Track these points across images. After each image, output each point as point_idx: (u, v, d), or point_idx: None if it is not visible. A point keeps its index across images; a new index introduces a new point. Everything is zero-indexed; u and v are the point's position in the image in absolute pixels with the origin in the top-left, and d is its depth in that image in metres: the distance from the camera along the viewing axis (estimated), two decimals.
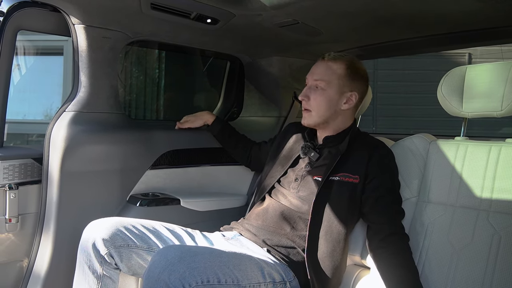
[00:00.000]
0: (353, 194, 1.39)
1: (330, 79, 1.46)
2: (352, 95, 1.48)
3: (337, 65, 1.48)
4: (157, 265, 1.11)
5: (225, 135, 1.87)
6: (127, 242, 1.32)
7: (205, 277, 1.12)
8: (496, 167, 1.31)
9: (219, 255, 1.23)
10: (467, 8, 1.39)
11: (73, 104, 1.55)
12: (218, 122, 1.86)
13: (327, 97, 1.47)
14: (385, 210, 1.37)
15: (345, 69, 1.47)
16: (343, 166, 1.41)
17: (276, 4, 1.39)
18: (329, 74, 1.47)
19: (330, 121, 1.50)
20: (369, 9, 1.43)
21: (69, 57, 4.73)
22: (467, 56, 5.67)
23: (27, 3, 1.45)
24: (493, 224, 1.26)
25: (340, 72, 1.47)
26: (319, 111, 1.48)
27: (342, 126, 1.52)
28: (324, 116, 1.48)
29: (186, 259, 1.12)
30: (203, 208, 1.78)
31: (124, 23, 1.56)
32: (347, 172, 1.40)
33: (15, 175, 1.47)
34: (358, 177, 1.39)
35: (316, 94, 1.48)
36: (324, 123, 1.50)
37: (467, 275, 1.25)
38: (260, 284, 1.26)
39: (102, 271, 1.31)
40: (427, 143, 1.47)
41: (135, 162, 1.69)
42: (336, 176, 1.40)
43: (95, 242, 1.31)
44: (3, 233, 1.46)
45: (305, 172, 1.49)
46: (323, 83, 1.47)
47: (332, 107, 1.48)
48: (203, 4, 1.45)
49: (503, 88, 1.34)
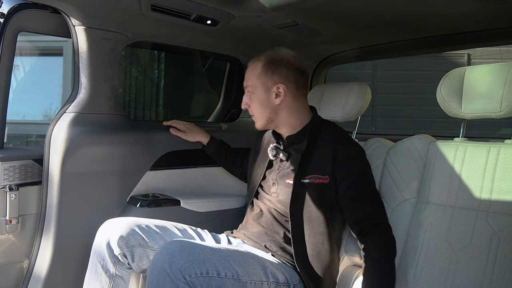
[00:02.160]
0: (327, 194, 1.39)
1: (253, 82, 1.47)
2: (279, 88, 1.45)
3: (254, 65, 1.48)
4: (159, 257, 1.15)
5: (221, 155, 1.84)
6: (139, 242, 1.35)
7: (204, 269, 1.16)
8: (495, 168, 1.31)
9: (219, 250, 1.26)
10: (466, 10, 1.40)
11: (74, 105, 1.55)
12: (213, 142, 1.83)
13: (257, 99, 1.47)
14: (359, 208, 1.38)
15: (261, 66, 1.46)
16: (311, 167, 1.41)
17: (275, 5, 1.40)
18: (251, 77, 1.48)
19: (275, 119, 1.48)
20: (369, 10, 1.43)
21: (69, 57, 4.73)
22: (466, 57, 5.68)
23: (27, 5, 1.45)
24: (492, 225, 1.27)
25: (257, 72, 1.47)
26: (258, 114, 1.49)
27: (297, 121, 1.49)
28: (265, 117, 1.48)
29: (185, 251, 1.16)
30: (203, 209, 1.78)
31: (124, 25, 1.57)
32: (316, 174, 1.40)
33: (16, 176, 1.48)
34: (327, 177, 1.39)
35: (250, 100, 1.49)
36: (270, 122, 1.50)
37: (466, 276, 1.25)
38: (262, 282, 1.27)
39: (115, 271, 1.33)
40: (427, 144, 1.47)
41: (135, 163, 1.69)
42: (306, 179, 1.40)
43: (110, 242, 1.33)
44: (4, 234, 1.46)
45: (278, 176, 1.49)
46: (250, 88, 1.49)
47: (267, 106, 1.47)
48: (203, 6, 1.46)
49: (502, 89, 1.34)
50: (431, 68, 5.23)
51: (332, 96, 1.75)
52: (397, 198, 1.46)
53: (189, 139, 1.81)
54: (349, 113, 1.71)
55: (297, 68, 1.48)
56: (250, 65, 1.50)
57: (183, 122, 1.83)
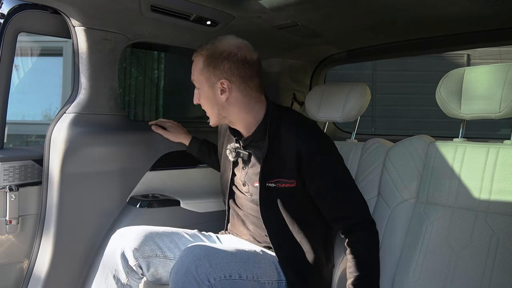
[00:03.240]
0: (296, 197, 1.33)
1: (197, 77, 1.36)
2: (223, 83, 1.32)
3: (196, 59, 1.36)
4: (185, 260, 1.17)
5: (204, 154, 1.74)
6: (156, 252, 1.35)
7: (228, 273, 1.19)
8: (494, 168, 1.32)
9: (240, 253, 1.27)
10: (466, 11, 1.40)
11: (74, 106, 1.55)
12: (195, 143, 1.73)
13: (204, 95, 1.36)
14: (335, 209, 1.33)
15: (202, 61, 1.33)
16: (276, 170, 1.33)
17: (275, 6, 1.40)
18: (194, 71, 1.36)
19: (227, 116, 1.37)
20: (369, 11, 1.43)
21: (69, 58, 4.73)
22: (466, 57, 5.68)
23: (27, 5, 1.45)
24: (491, 225, 1.27)
25: (199, 67, 1.34)
26: (208, 111, 1.39)
27: (250, 117, 1.37)
28: (215, 114, 1.37)
29: (211, 255, 1.19)
30: (203, 209, 1.78)
31: (124, 25, 1.57)
32: (281, 178, 1.32)
33: (16, 177, 1.48)
34: (294, 181, 1.31)
35: (199, 96, 1.39)
36: (223, 119, 1.38)
37: (465, 276, 1.26)
38: (277, 281, 1.30)
39: (126, 281, 1.33)
40: (426, 145, 1.47)
41: (135, 163, 1.69)
42: (272, 183, 1.33)
43: (125, 252, 1.32)
44: (3, 235, 1.46)
45: (246, 177, 1.42)
46: (196, 83, 1.38)
47: (215, 103, 1.35)
48: (202, 6, 1.46)
49: (501, 90, 1.34)
50: (430, 68, 5.23)
51: (332, 96, 1.75)
52: (397, 198, 1.46)
53: (170, 138, 1.73)
54: (348, 113, 1.71)
55: (242, 60, 1.32)
56: (193, 58, 1.37)
57: (168, 121, 1.76)
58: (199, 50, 1.36)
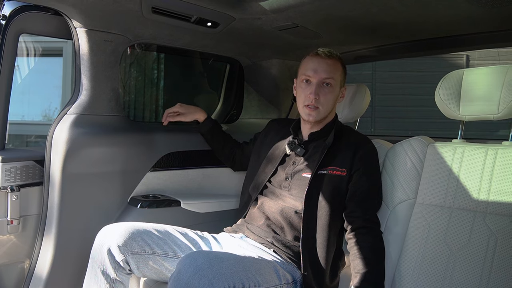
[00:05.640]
0: (341, 186, 1.43)
1: (336, 77, 1.50)
2: (343, 90, 1.56)
3: (335, 61, 1.51)
4: (187, 269, 1.13)
5: (214, 134, 1.86)
6: (144, 249, 1.34)
7: (232, 283, 1.16)
8: (492, 169, 1.32)
9: (242, 260, 1.26)
10: (465, 13, 1.41)
11: (75, 106, 1.56)
12: (209, 121, 1.85)
13: (334, 94, 1.51)
14: (360, 203, 1.41)
15: (341, 64, 1.53)
16: (331, 160, 1.46)
17: (276, 8, 1.41)
18: (335, 71, 1.50)
19: (328, 115, 1.54)
20: (368, 13, 1.44)
21: (69, 58, 4.73)
22: (465, 58, 5.69)
23: (29, 7, 1.46)
24: (489, 225, 1.28)
25: (341, 70, 1.52)
26: (327, 108, 1.51)
27: (328, 119, 1.56)
28: (328, 111, 1.52)
29: (214, 265, 1.16)
30: (204, 209, 1.79)
31: (125, 27, 1.57)
32: (335, 166, 1.45)
33: (17, 177, 1.48)
34: (345, 170, 1.44)
35: (326, 92, 1.49)
36: (325, 118, 1.53)
37: (464, 277, 1.27)
38: (277, 286, 1.30)
39: (115, 277, 1.32)
40: (425, 146, 1.48)
41: (136, 164, 1.70)
42: (325, 170, 1.45)
43: (111, 248, 1.32)
44: (5, 235, 1.47)
45: (294, 170, 1.51)
46: (332, 81, 1.49)
47: (335, 102, 1.54)
48: (203, 8, 1.46)
49: (499, 92, 1.35)
50: (430, 69, 5.25)
51: None
52: (396, 199, 1.47)
53: (188, 119, 1.84)
54: (348, 114, 1.72)
55: None
56: (331, 60, 1.50)
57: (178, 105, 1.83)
58: (334, 53, 1.52)
